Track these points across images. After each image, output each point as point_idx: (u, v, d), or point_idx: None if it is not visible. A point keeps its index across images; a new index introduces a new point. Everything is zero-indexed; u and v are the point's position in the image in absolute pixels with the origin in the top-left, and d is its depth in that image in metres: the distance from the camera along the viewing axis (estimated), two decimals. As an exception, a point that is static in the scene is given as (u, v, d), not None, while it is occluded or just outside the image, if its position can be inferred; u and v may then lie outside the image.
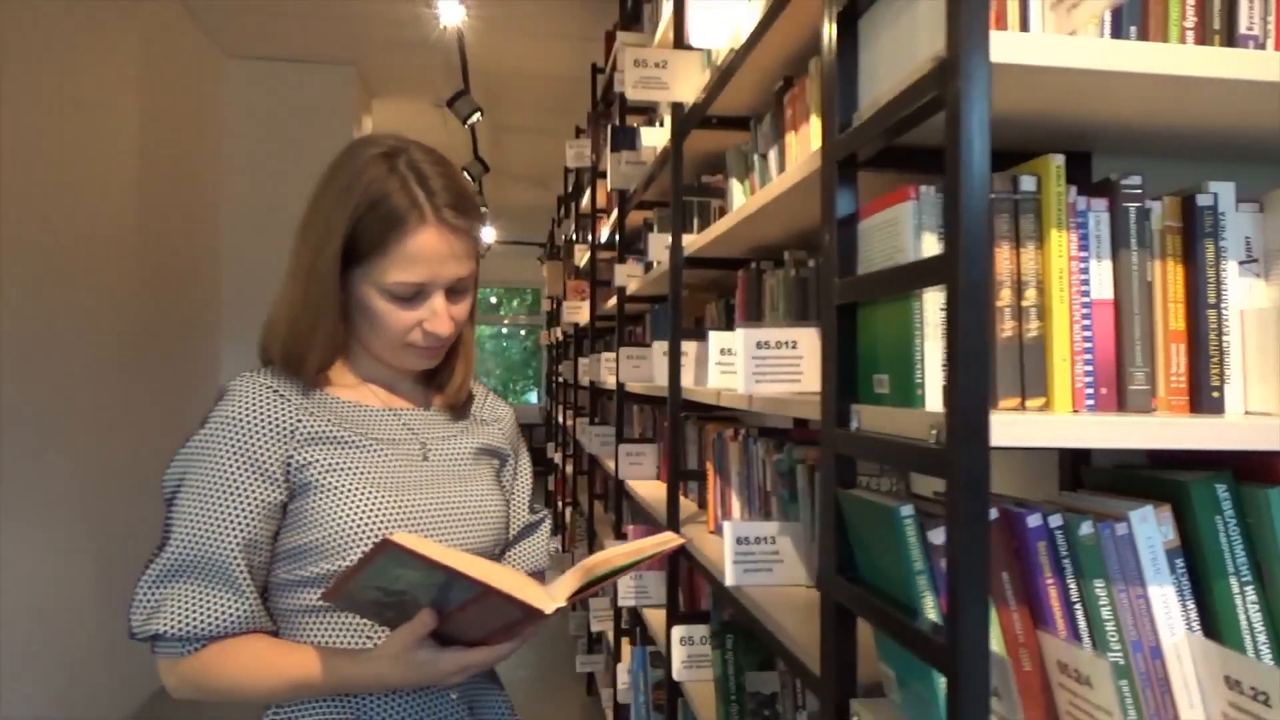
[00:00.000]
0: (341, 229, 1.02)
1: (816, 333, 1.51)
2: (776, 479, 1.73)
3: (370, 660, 0.96)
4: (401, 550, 0.82)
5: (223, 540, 0.98)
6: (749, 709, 1.68)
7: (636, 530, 2.76)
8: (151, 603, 0.98)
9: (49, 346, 3.10)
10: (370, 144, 1.07)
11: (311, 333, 1.05)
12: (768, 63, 1.73)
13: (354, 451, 1.05)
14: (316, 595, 1.01)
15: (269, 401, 1.03)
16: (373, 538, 1.00)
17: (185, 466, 1.01)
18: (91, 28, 3.37)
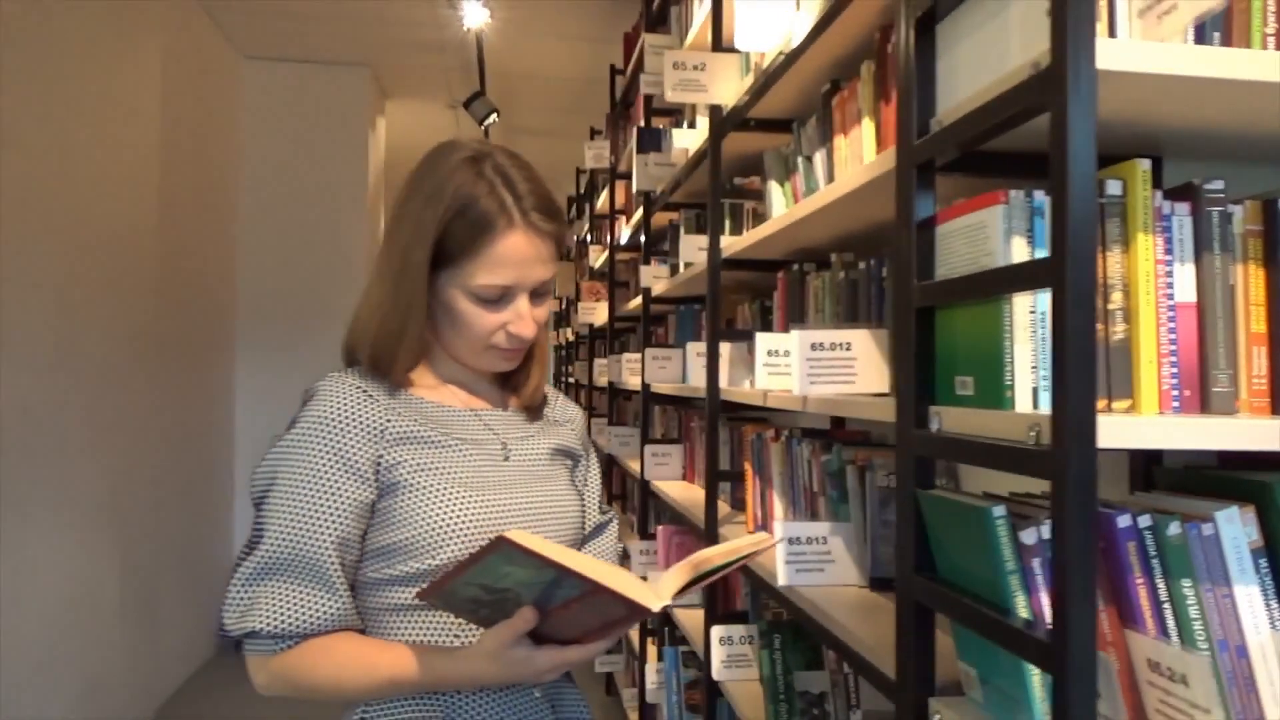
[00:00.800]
0: (431, 233, 1.03)
1: (870, 334, 1.53)
2: (824, 479, 1.74)
3: (465, 658, 0.98)
4: (515, 548, 0.83)
5: (317, 538, 0.99)
6: (798, 708, 1.70)
7: (667, 530, 2.78)
8: (245, 600, 0.99)
9: (74, 349, 3.11)
10: (456, 148, 1.08)
11: (401, 334, 1.06)
12: (815, 66, 1.74)
13: (441, 451, 1.06)
14: (404, 593, 1.03)
15: (359, 402, 1.04)
16: (462, 537, 1.01)
17: (276, 466, 1.02)
18: (114, 28, 3.37)
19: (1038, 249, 0.93)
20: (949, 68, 1.05)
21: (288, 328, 4.98)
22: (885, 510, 1.60)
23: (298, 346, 4.99)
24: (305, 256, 5.03)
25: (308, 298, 5.02)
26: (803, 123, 1.88)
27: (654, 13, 3.16)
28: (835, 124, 1.69)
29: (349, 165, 5.13)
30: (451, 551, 1.01)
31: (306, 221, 5.04)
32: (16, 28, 2.67)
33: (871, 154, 1.53)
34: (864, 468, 1.62)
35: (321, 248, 5.06)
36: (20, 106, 2.71)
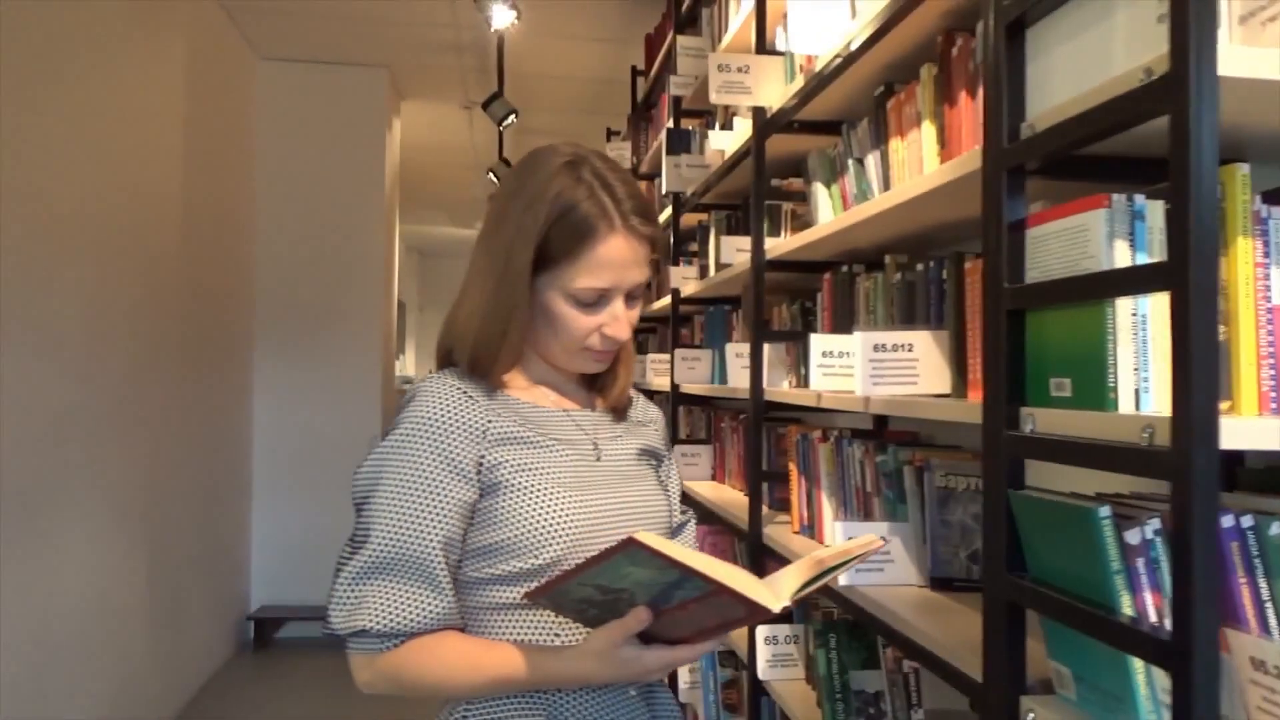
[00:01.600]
0: (534, 237, 1.04)
1: (931, 336, 1.54)
2: (877, 480, 1.75)
3: (573, 657, 0.98)
4: (643, 549, 0.84)
5: (424, 538, 1.00)
6: (854, 707, 1.71)
7: (700, 530, 2.77)
8: (353, 599, 1.00)
9: (104, 351, 3.11)
10: (554, 153, 1.09)
11: (502, 337, 1.07)
12: (868, 69, 1.76)
13: (540, 451, 1.07)
14: (505, 592, 1.04)
15: (461, 403, 1.05)
16: (564, 537, 1.02)
17: (380, 467, 1.03)
18: (141, 31, 3.38)
19: (1139, 252, 0.94)
20: (1041, 72, 1.05)
21: (304, 327, 4.99)
22: (944, 510, 1.61)
23: (314, 345, 5.00)
24: (322, 257, 5.03)
25: (324, 297, 5.03)
26: (852, 125, 1.88)
27: (683, 15, 3.17)
28: (890, 127, 1.70)
29: (366, 166, 5.14)
30: (554, 551, 1.02)
31: (323, 222, 5.05)
32: (46, 29, 2.67)
33: (932, 157, 1.54)
34: (921, 468, 1.63)
35: (338, 248, 5.07)
36: (50, 109, 2.71)
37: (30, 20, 2.58)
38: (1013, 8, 1.06)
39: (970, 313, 1.47)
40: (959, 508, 1.62)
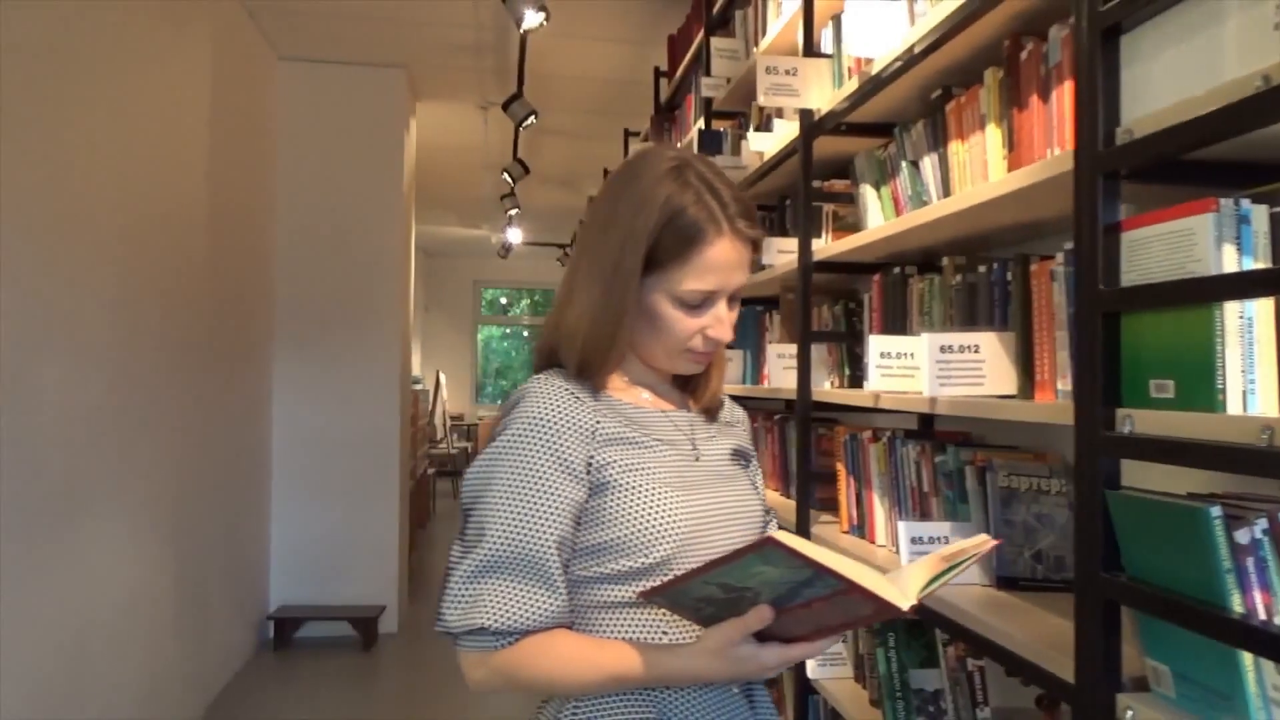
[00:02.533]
0: (643, 241, 1.05)
1: (997, 337, 1.55)
2: (935, 480, 1.77)
3: (690, 654, 1.00)
4: (779, 548, 0.85)
5: (539, 537, 1.02)
6: (914, 705, 1.72)
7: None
8: (467, 597, 1.01)
9: (134, 354, 3.12)
10: (658, 158, 1.10)
11: (612, 339, 1.08)
12: (924, 73, 1.77)
13: (645, 452, 1.08)
14: (613, 590, 1.05)
15: (571, 404, 1.06)
16: (673, 536, 1.03)
17: (492, 467, 1.04)
18: (167, 30, 3.38)
19: (1245, 256, 0.96)
20: (1136, 78, 1.07)
21: (323, 327, 5.00)
22: (1007, 510, 1.62)
23: (333, 345, 5.00)
24: (340, 258, 5.04)
25: (343, 298, 5.03)
26: (905, 127, 1.90)
27: (714, 17, 3.18)
28: (950, 130, 1.72)
29: (384, 167, 5.14)
30: (664, 550, 1.03)
31: (341, 223, 5.05)
32: (77, 29, 2.68)
33: (998, 160, 1.56)
34: (983, 468, 1.65)
35: (356, 249, 5.07)
36: (83, 111, 2.71)
37: (63, 21, 2.59)
38: (1109, 14, 1.07)
39: (1038, 314, 1.48)
40: (1022, 507, 1.63)
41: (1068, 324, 1.38)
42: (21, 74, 2.35)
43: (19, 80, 2.34)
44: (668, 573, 1.04)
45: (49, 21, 2.50)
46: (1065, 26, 1.38)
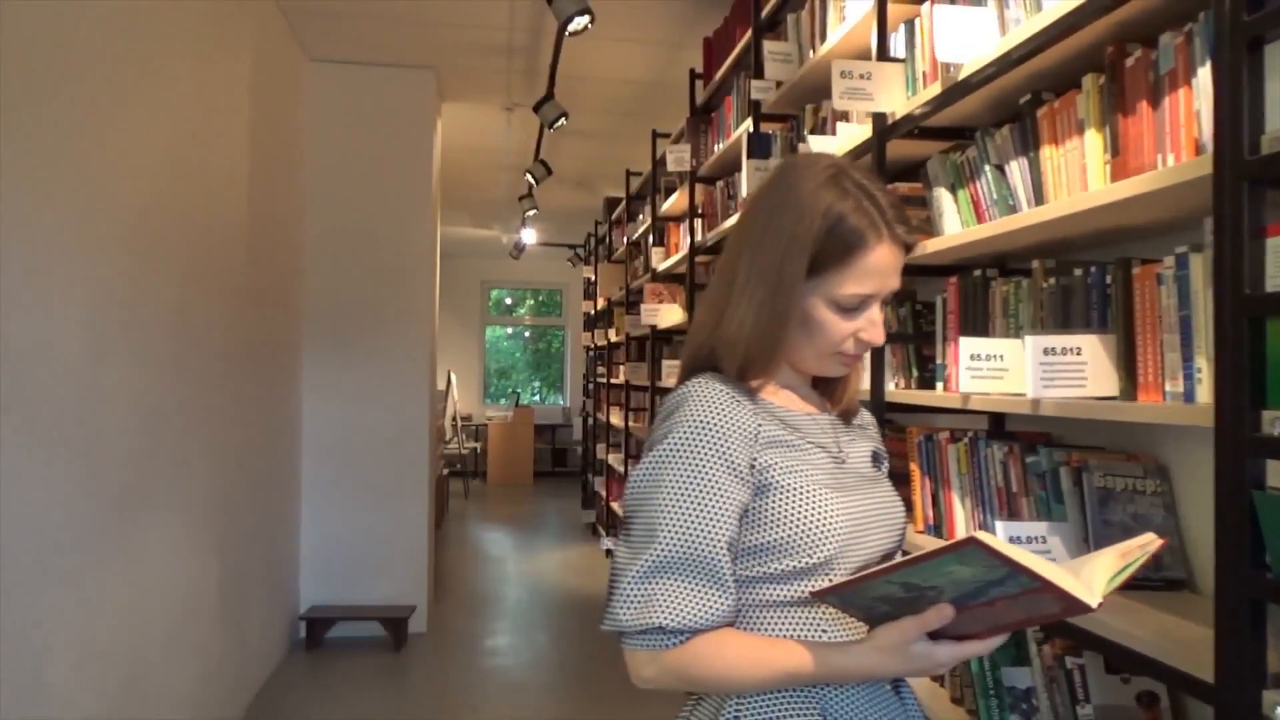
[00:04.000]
0: (807, 248, 1.08)
1: (1098, 339, 1.57)
2: (1025, 480, 1.79)
3: (862, 651, 1.02)
4: (982, 548, 0.87)
5: (711, 538, 1.03)
6: (1006, 703, 1.74)
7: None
8: (641, 597, 1.03)
9: (188, 358, 3.13)
10: (812, 166, 1.12)
11: (775, 344, 1.10)
12: (1014, 78, 1.79)
13: (802, 454, 1.10)
14: (774, 590, 1.07)
15: (734, 407, 1.08)
16: (836, 537, 1.05)
17: (661, 470, 1.06)
18: (212, 33, 3.38)
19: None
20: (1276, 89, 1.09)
21: (352, 327, 5.01)
22: (1104, 510, 1.65)
23: (361, 346, 5.01)
24: (369, 259, 5.05)
25: (372, 298, 5.04)
26: (987, 131, 1.92)
27: (763, 20, 3.20)
28: (1042, 134, 1.74)
29: (412, 168, 5.15)
30: (827, 551, 1.05)
31: (370, 224, 5.06)
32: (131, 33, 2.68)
33: (1098, 165, 1.58)
34: (1079, 469, 1.67)
35: (385, 250, 5.08)
36: (138, 115, 2.72)
37: (117, 25, 2.59)
38: (1253, 25, 1.09)
39: (1141, 317, 1.51)
40: (1118, 508, 1.65)
41: (1179, 327, 1.41)
42: (85, 79, 2.37)
43: (84, 84, 2.35)
44: (829, 573, 1.06)
45: (107, 26, 2.51)
46: (1179, 34, 1.40)
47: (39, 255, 2.14)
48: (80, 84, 2.33)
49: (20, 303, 2.06)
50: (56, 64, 2.21)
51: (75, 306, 2.31)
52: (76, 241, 2.32)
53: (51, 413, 2.21)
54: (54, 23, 2.20)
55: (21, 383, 2.07)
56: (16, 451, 2.06)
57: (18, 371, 2.06)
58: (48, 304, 2.19)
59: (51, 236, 2.19)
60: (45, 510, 2.19)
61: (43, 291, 2.16)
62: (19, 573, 2.08)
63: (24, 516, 2.09)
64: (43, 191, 2.15)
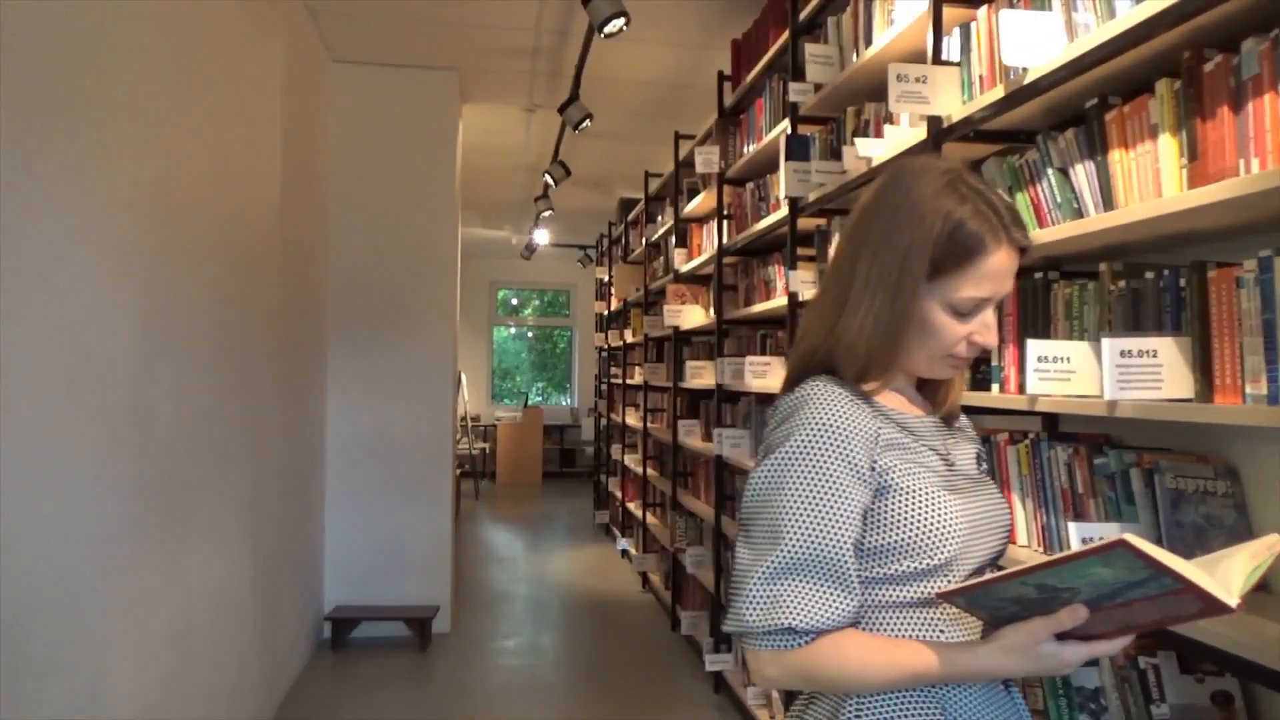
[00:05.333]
0: (927, 252, 1.09)
1: (1174, 342, 1.59)
2: (1092, 481, 1.80)
3: (989, 651, 1.03)
4: (1130, 551, 0.88)
5: (836, 540, 1.05)
6: (1076, 703, 1.75)
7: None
8: (768, 597, 1.04)
9: (229, 358, 3.14)
10: (929, 171, 1.13)
11: (895, 347, 1.12)
12: (1077, 83, 1.80)
13: (918, 456, 1.11)
14: (893, 591, 1.08)
15: (855, 410, 1.09)
16: (956, 538, 1.07)
17: (783, 471, 1.07)
18: (248, 33, 3.39)
19: None
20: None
21: (375, 328, 5.02)
22: (1176, 511, 1.66)
23: (385, 346, 5.03)
24: (392, 260, 5.06)
25: (395, 299, 5.06)
26: (1049, 135, 1.93)
27: (800, 22, 3.21)
28: (1110, 138, 1.75)
29: (436, 169, 5.16)
30: (949, 552, 1.06)
31: (393, 225, 5.08)
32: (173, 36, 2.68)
33: (1173, 170, 1.59)
34: (1150, 470, 1.68)
35: (409, 250, 5.10)
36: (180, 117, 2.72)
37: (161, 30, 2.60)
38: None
39: (1218, 320, 1.52)
40: (1190, 509, 1.67)
41: (1261, 330, 1.42)
42: (134, 86, 2.37)
43: (134, 92, 2.36)
44: (948, 574, 1.07)
45: (151, 30, 2.52)
46: (1264, 40, 1.41)
47: (96, 257, 2.15)
48: (130, 91, 2.33)
49: (81, 303, 2.07)
50: (109, 73, 2.22)
51: (129, 309, 2.32)
52: (130, 244, 2.33)
53: (110, 413, 2.22)
54: (106, 32, 2.21)
55: (84, 384, 2.08)
56: (80, 451, 2.07)
57: (81, 373, 2.07)
58: (106, 306, 2.19)
59: (107, 239, 2.20)
60: (105, 510, 2.20)
61: (101, 294, 2.17)
62: (83, 573, 2.09)
63: (87, 517, 2.10)
64: (100, 196, 2.16)
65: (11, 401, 1.78)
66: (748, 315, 3.98)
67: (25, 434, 1.83)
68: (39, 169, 1.87)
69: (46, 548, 1.93)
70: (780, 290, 3.65)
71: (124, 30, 2.27)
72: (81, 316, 2.07)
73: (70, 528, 2.03)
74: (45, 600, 1.92)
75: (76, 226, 2.04)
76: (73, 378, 2.03)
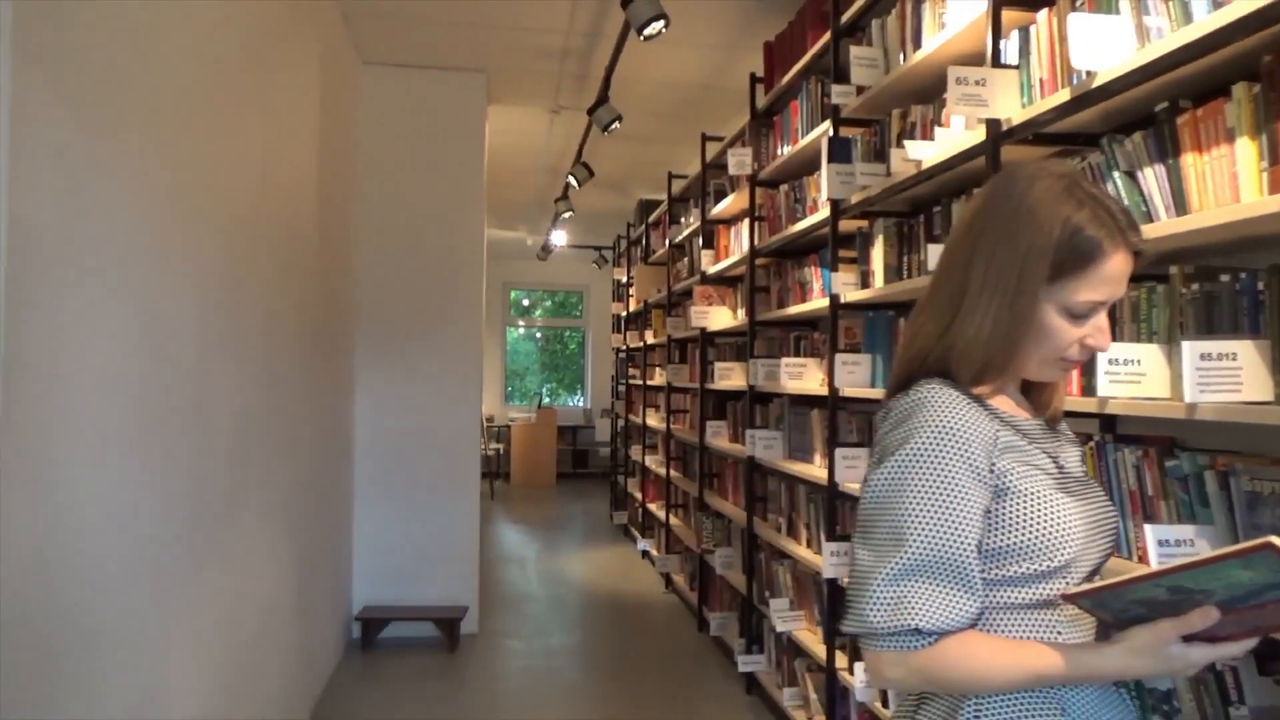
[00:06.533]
0: (1048, 257, 1.10)
1: (1253, 345, 1.59)
2: (1164, 484, 1.80)
3: (1115, 653, 1.04)
4: (1277, 553, 0.89)
5: (960, 541, 1.06)
6: (1149, 704, 1.76)
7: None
8: (892, 599, 1.05)
9: (275, 359, 3.15)
10: (1045, 177, 1.13)
11: (1014, 350, 1.12)
12: (1148, 86, 1.81)
13: (1032, 458, 1.12)
14: (1011, 592, 1.09)
15: (973, 413, 1.10)
16: (1075, 540, 1.08)
17: (904, 474, 1.08)
18: (289, 37, 3.40)
19: None
20: None
21: (403, 329, 5.04)
22: (1253, 514, 1.66)
23: (412, 347, 5.04)
24: (420, 261, 5.07)
25: (423, 300, 5.07)
26: (1114, 138, 1.93)
27: (842, 24, 3.21)
28: (1183, 142, 1.75)
29: (464, 171, 5.18)
30: (1069, 554, 1.07)
31: (421, 227, 5.09)
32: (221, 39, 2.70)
33: (1252, 173, 1.60)
34: (1225, 473, 1.68)
35: (436, 252, 5.11)
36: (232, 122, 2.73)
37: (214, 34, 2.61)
38: None
39: (1299, 323, 1.53)
40: (1267, 511, 1.67)
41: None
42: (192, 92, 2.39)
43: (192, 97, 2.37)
44: (1066, 576, 1.08)
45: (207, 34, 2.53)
46: (1351, 44, 1.42)
47: (161, 259, 2.16)
48: (189, 97, 2.35)
49: (149, 306, 2.08)
50: (169, 79, 2.24)
51: (189, 311, 2.34)
52: (188, 247, 2.34)
53: (172, 415, 2.23)
54: (167, 37, 2.22)
55: (151, 387, 2.10)
56: (146, 453, 2.08)
57: (150, 376, 2.08)
58: (170, 309, 2.21)
59: (170, 241, 2.22)
60: (165, 511, 2.21)
61: (165, 296, 2.18)
62: (145, 574, 2.10)
63: (149, 518, 2.11)
64: (163, 199, 2.18)
65: (87, 404, 1.79)
66: (783, 316, 3.99)
67: (99, 436, 1.84)
68: (112, 173, 1.89)
69: (113, 548, 1.94)
70: (817, 292, 3.66)
71: (184, 35, 2.28)
72: (149, 319, 2.08)
73: (136, 528, 2.04)
74: (110, 600, 1.93)
75: (144, 230, 2.05)
76: (143, 381, 2.05)
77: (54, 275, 1.66)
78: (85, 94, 1.78)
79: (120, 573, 1.98)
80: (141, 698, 2.07)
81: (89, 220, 1.79)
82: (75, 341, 1.74)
